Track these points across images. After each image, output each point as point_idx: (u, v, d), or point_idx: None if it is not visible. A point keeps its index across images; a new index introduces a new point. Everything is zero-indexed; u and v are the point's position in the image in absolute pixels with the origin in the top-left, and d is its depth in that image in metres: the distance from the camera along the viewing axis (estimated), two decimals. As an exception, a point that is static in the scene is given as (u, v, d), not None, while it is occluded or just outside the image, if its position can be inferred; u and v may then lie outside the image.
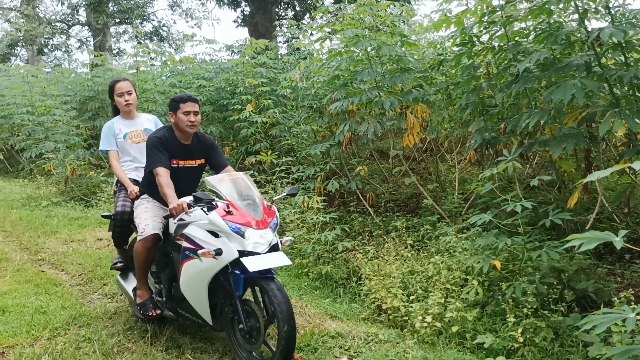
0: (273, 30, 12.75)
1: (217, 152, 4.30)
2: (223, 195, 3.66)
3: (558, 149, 3.91)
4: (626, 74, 3.58)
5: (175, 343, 4.08)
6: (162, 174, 3.86)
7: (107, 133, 4.71)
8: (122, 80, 4.72)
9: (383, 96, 6.06)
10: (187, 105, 3.96)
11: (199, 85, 9.78)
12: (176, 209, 3.61)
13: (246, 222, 3.49)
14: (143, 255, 4.00)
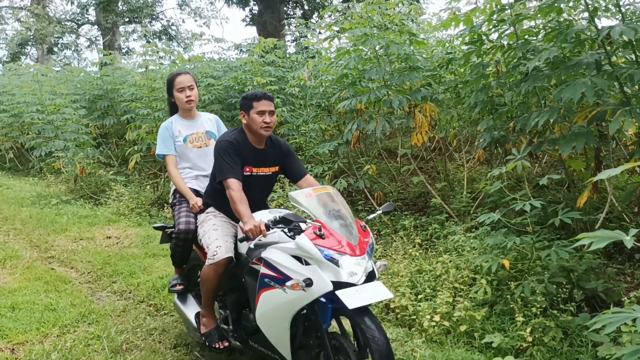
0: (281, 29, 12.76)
1: (294, 159, 3.79)
2: (312, 215, 3.08)
3: (568, 148, 3.89)
4: (637, 72, 3.55)
5: (184, 340, 4.09)
6: (235, 187, 3.35)
7: (165, 134, 4.11)
8: (183, 74, 4.10)
9: (391, 95, 6.05)
10: (261, 103, 3.47)
11: (207, 84, 9.79)
12: (253, 231, 3.09)
13: (341, 248, 2.93)
14: (214, 281, 3.49)
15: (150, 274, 5.64)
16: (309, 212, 3.09)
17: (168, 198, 8.92)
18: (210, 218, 3.70)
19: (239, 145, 3.51)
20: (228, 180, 3.38)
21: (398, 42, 6.24)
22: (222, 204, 3.58)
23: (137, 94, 10.05)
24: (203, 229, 3.68)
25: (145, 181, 10.17)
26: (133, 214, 8.45)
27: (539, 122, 4.06)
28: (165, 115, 9.07)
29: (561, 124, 4.66)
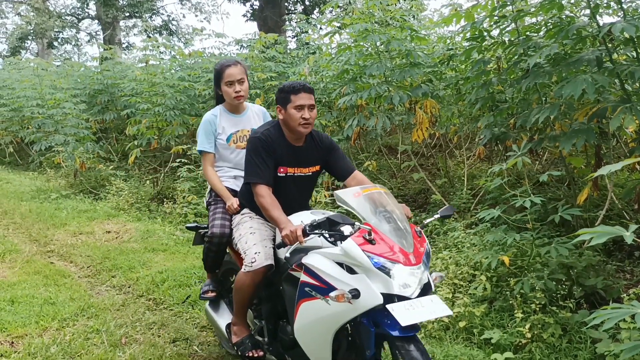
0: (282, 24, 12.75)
1: (339, 155, 3.38)
2: (360, 216, 2.73)
3: (568, 144, 3.88)
4: (637, 69, 3.55)
5: (183, 335, 4.10)
6: (264, 193, 3.04)
7: (208, 129, 3.70)
8: (233, 65, 3.64)
9: (392, 91, 6.04)
10: (300, 97, 3.08)
11: (208, 79, 9.78)
12: (290, 237, 2.76)
13: (393, 255, 2.55)
14: (249, 290, 3.17)
15: (150, 268, 5.64)
16: (357, 214, 2.74)
17: (167, 193, 8.98)
18: (247, 220, 3.35)
19: (273, 142, 3.13)
20: (255, 186, 3.08)
21: (399, 38, 6.24)
22: (256, 205, 3.21)
23: (137, 88, 10.05)
24: (239, 232, 3.33)
25: (145, 176, 10.17)
26: (133, 208, 8.45)
27: (539, 118, 4.05)
28: (165, 110, 9.08)
29: (562, 120, 4.66)
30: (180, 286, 5.04)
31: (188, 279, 5.19)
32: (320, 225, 2.69)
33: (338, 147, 3.41)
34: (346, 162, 3.40)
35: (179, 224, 7.48)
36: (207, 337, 4.08)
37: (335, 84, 7.42)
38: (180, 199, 7.97)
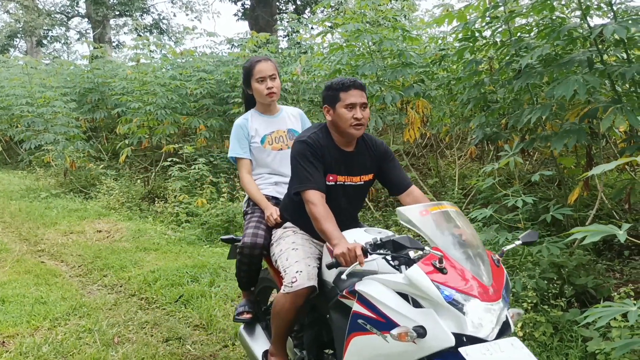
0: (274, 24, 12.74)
1: (395, 164, 3.00)
2: (428, 239, 2.29)
3: (559, 144, 3.92)
4: (628, 70, 3.58)
5: (176, 334, 4.09)
6: (317, 201, 2.65)
7: (239, 134, 3.42)
8: (264, 60, 3.39)
9: (384, 91, 6.06)
10: (351, 94, 2.74)
11: (199, 78, 9.77)
12: (345, 257, 2.39)
13: (468, 288, 2.13)
14: (290, 314, 2.79)
15: (142, 267, 5.62)
16: (424, 235, 2.29)
17: (159, 192, 8.96)
18: (289, 235, 2.99)
19: (321, 146, 2.78)
20: (307, 192, 2.68)
21: (391, 38, 6.26)
22: (302, 220, 2.89)
23: (128, 87, 10.01)
24: (280, 247, 2.98)
25: (135, 175, 10.14)
26: (123, 208, 8.42)
27: (531, 119, 4.08)
28: (156, 109, 9.05)
29: (553, 121, 4.69)
30: (173, 285, 5.02)
31: (180, 278, 5.18)
32: (385, 245, 2.29)
33: (394, 156, 3.03)
34: (402, 174, 3.01)
35: (170, 223, 7.47)
36: (199, 336, 4.08)
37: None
38: (172, 198, 7.95)
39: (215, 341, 3.98)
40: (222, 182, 7.91)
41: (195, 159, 8.54)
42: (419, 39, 6.99)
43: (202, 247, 6.47)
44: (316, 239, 2.96)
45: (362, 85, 2.79)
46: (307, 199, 2.67)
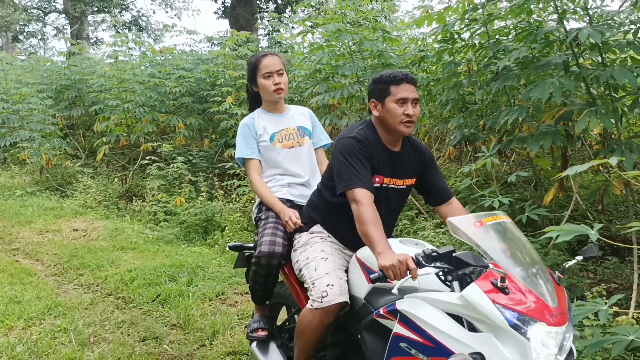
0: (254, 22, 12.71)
1: (437, 172, 2.81)
2: (485, 254, 2.04)
3: (535, 146, 3.97)
4: (602, 73, 3.64)
5: (153, 333, 4.06)
6: (365, 201, 2.40)
7: (246, 133, 3.16)
8: (270, 55, 3.16)
9: (364, 91, 6.09)
10: (402, 88, 2.51)
11: (178, 76, 9.71)
12: (396, 269, 2.11)
13: (534, 311, 1.88)
14: (317, 332, 2.51)
15: (119, 267, 5.56)
16: (480, 250, 2.05)
17: (137, 191, 8.87)
18: (317, 242, 2.73)
19: (370, 144, 2.56)
20: (355, 191, 2.42)
21: (371, 39, 6.29)
22: (335, 224, 2.70)
23: (105, 84, 9.92)
24: (306, 254, 2.69)
25: (113, 173, 10.03)
26: (101, 206, 8.33)
27: (508, 120, 4.13)
28: (134, 107, 8.97)
29: (530, 123, 4.76)
30: (150, 285, 4.98)
31: (158, 277, 5.14)
32: (443, 257, 2.05)
33: (436, 163, 2.85)
34: (444, 183, 2.80)
35: (148, 222, 7.40)
36: (177, 335, 4.05)
37: (308, 83, 7.44)
38: (150, 197, 7.89)
39: (192, 340, 3.96)
40: (201, 181, 7.87)
41: (173, 157, 8.48)
42: (398, 40, 7.03)
43: (180, 246, 6.43)
44: (348, 248, 2.73)
45: (414, 79, 2.58)
46: (354, 198, 2.42)
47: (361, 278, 2.50)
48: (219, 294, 4.79)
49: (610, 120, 3.62)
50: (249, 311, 4.38)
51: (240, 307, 4.55)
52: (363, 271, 2.49)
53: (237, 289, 4.93)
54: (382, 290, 2.31)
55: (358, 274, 2.53)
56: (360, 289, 2.50)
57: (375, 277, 2.15)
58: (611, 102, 4.01)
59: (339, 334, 2.64)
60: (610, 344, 2.49)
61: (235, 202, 7.01)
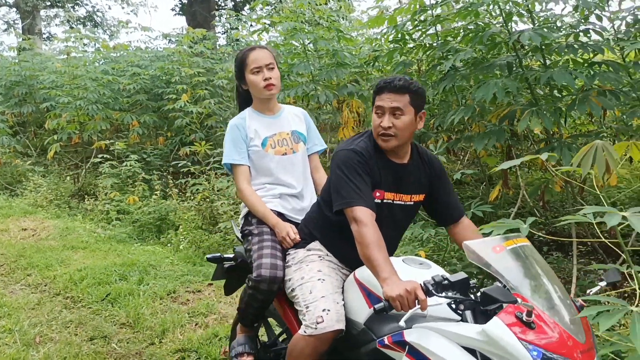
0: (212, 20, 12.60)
1: (449, 187, 2.58)
2: (507, 283, 1.85)
3: (481, 144, 4.09)
4: (543, 74, 3.78)
5: (101, 333, 4.01)
6: (367, 220, 2.18)
7: (236, 136, 2.82)
8: (259, 49, 2.85)
9: (319, 90, 6.13)
10: (382, 97, 2.31)
11: (132, 73, 9.57)
12: (404, 300, 1.90)
13: (562, 348, 1.71)
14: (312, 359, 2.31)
15: (68, 266, 5.46)
16: (502, 279, 1.86)
17: (89, 189, 8.71)
18: (314, 260, 2.50)
19: (370, 157, 2.34)
20: (355, 210, 2.20)
21: (326, 38, 6.34)
22: (335, 241, 2.49)
23: (57, 81, 9.70)
24: (301, 274, 2.46)
25: (65, 172, 9.81)
26: (51, 205, 8.14)
27: (455, 119, 4.24)
28: (87, 104, 8.80)
29: (479, 122, 4.89)
30: (100, 284, 4.91)
31: (108, 276, 5.06)
32: (455, 286, 1.89)
33: (448, 176, 2.60)
34: (456, 200, 2.59)
35: (100, 221, 7.28)
36: (126, 334, 4.01)
37: (263, 82, 7.42)
38: (102, 195, 7.76)
39: (141, 339, 3.92)
40: (155, 179, 7.79)
41: (127, 155, 8.36)
42: (353, 40, 7.11)
43: (132, 245, 6.35)
44: (346, 267, 2.51)
45: (403, 86, 2.27)
46: (354, 217, 2.20)
47: (360, 301, 2.27)
48: (170, 292, 4.76)
49: (549, 120, 3.76)
50: (200, 309, 4.38)
51: (191, 305, 4.53)
52: (363, 294, 2.27)
53: (189, 287, 4.90)
54: (385, 316, 2.05)
55: (357, 296, 2.30)
56: (359, 312, 2.27)
57: (381, 307, 1.95)
58: (553, 102, 4.17)
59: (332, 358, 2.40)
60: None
61: (189, 201, 6.96)
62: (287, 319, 2.66)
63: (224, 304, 4.52)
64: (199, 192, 6.74)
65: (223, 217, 6.16)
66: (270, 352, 2.90)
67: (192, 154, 8.17)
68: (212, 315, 4.32)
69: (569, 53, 3.92)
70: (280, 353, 2.86)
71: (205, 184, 6.77)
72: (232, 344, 2.87)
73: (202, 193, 6.64)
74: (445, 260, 4.41)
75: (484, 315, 1.86)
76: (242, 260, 2.89)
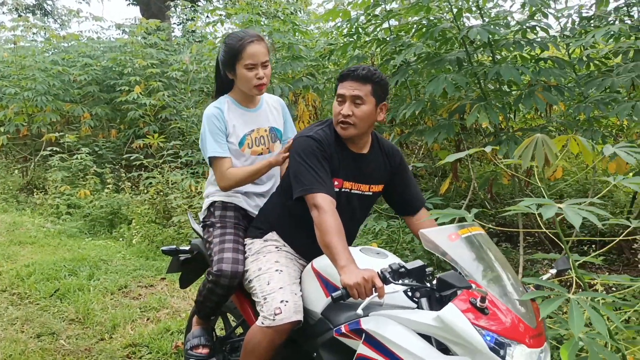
0: (166, 10, 12.36)
1: (409, 178, 2.56)
2: (462, 270, 1.89)
3: (431, 138, 4.16)
4: (490, 70, 3.87)
5: (49, 329, 3.91)
6: (327, 207, 2.15)
7: (214, 127, 2.61)
8: (257, 41, 2.58)
9: (275, 83, 6.12)
10: (344, 85, 2.29)
11: (84, 64, 9.33)
12: (361, 288, 1.89)
13: (515, 333, 1.75)
14: (268, 352, 2.27)
15: (15, 262, 5.31)
16: (457, 267, 1.89)
17: (38, 183, 8.47)
18: (271, 251, 2.46)
19: (329, 145, 2.31)
20: (316, 196, 2.17)
21: (282, 31, 6.32)
22: (292, 231, 2.45)
23: (4, 71, 9.41)
24: (258, 265, 2.42)
25: (13, 165, 9.53)
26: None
27: (406, 113, 4.30)
28: (35, 95, 8.55)
29: (432, 116, 4.96)
30: (48, 279, 4.79)
31: (57, 272, 4.95)
32: (411, 273, 1.91)
33: (409, 168, 2.58)
34: (417, 191, 2.56)
35: (50, 216, 7.11)
36: (75, 330, 3.93)
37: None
38: (52, 189, 7.56)
39: (91, 335, 3.85)
40: (107, 172, 7.64)
41: (78, 148, 8.17)
42: (309, 33, 7.11)
43: (83, 239, 6.21)
44: (303, 258, 2.48)
45: (366, 75, 2.25)
46: (315, 204, 2.16)
47: (318, 291, 2.25)
48: (121, 287, 4.68)
49: (496, 114, 3.85)
50: (152, 303, 4.32)
51: (143, 299, 4.47)
52: (320, 283, 2.25)
53: (142, 281, 4.84)
54: (342, 305, 2.09)
55: (314, 286, 2.28)
56: (316, 302, 2.25)
57: (338, 295, 1.92)
58: (501, 97, 4.27)
59: (288, 351, 2.38)
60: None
61: (143, 194, 6.86)
62: (244, 311, 2.62)
63: (177, 298, 4.48)
64: (152, 186, 6.65)
65: (177, 210, 6.09)
66: (226, 345, 2.87)
67: (146, 146, 8.05)
68: (165, 309, 4.27)
69: (516, 49, 4.02)
70: (236, 345, 2.85)
71: (159, 177, 6.68)
72: (187, 336, 2.81)
73: (155, 186, 6.55)
74: (398, 252, 4.48)
75: (440, 303, 1.89)
76: (199, 252, 2.83)
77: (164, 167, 6.97)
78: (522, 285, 1.97)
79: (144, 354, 3.59)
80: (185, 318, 4.02)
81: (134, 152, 7.88)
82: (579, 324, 1.60)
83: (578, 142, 2.15)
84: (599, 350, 1.73)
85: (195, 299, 2.76)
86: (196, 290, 4.16)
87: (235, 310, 2.79)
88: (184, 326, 3.87)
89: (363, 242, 4.53)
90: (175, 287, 4.61)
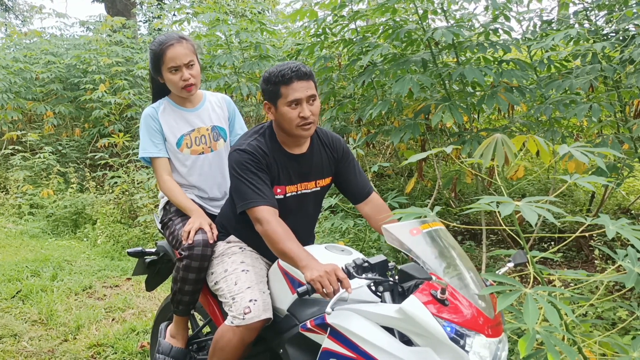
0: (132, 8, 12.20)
1: (354, 167, 2.54)
2: (423, 264, 1.92)
3: (397, 138, 4.22)
4: (455, 71, 3.95)
5: (11, 331, 3.84)
6: (269, 218, 2.17)
7: (150, 127, 2.64)
8: (177, 43, 2.59)
9: (242, 82, 6.11)
10: (293, 88, 2.20)
11: (47, 61, 9.15)
12: (324, 280, 1.91)
13: (474, 323, 1.81)
14: (237, 351, 2.27)
15: (-25, 263, 5.19)
16: (419, 260, 1.93)
17: (5, 184, 8.28)
18: (236, 252, 2.45)
19: (264, 154, 2.28)
20: (256, 210, 2.19)
21: (250, 30, 6.32)
22: (250, 234, 2.38)
23: (-37, 68, 9.13)
24: (223, 267, 2.41)
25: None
26: (-43, 199, 7.69)
27: (372, 113, 4.35)
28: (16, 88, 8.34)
29: (399, 116, 5.03)
30: (10, 281, 4.70)
31: (19, 273, 4.86)
32: (374, 267, 1.97)
33: (353, 156, 2.57)
34: (363, 179, 2.55)
35: (11, 216, 6.95)
36: (37, 331, 3.86)
37: (185, 73, 7.31)
38: (14, 189, 7.40)
39: (54, 336, 3.80)
40: (71, 171, 7.51)
41: (41, 147, 8.01)
42: (276, 33, 7.12)
43: (46, 240, 6.10)
44: (267, 258, 2.48)
45: (307, 73, 2.22)
46: (257, 218, 2.18)
47: (284, 288, 2.29)
48: (86, 287, 4.62)
49: (459, 114, 3.93)
50: (117, 304, 4.28)
51: (108, 300, 4.42)
52: (286, 280, 2.28)
53: (107, 282, 4.78)
54: (307, 301, 2.14)
55: (280, 284, 2.32)
56: (282, 300, 2.29)
57: (303, 290, 1.93)
58: (465, 97, 4.36)
59: (256, 348, 2.40)
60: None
61: (108, 194, 6.77)
62: (211, 311, 2.62)
63: (143, 298, 4.45)
64: (117, 185, 6.57)
65: (143, 210, 6.04)
66: (193, 344, 2.84)
67: (111, 145, 7.94)
68: (130, 310, 4.23)
69: (479, 51, 4.11)
70: (203, 344, 2.84)
71: (124, 177, 6.60)
72: (160, 348, 2.69)
73: (120, 186, 6.47)
74: (364, 250, 4.53)
75: (402, 296, 1.93)
76: (165, 254, 2.81)
77: (130, 166, 6.89)
78: (482, 279, 2.02)
79: (109, 354, 3.56)
80: (151, 319, 3.99)
81: (99, 151, 7.77)
82: (534, 317, 1.65)
83: (536, 141, 2.21)
84: (555, 343, 1.78)
85: (164, 299, 2.73)
86: (163, 291, 4.16)
87: (202, 310, 2.77)
88: (149, 326, 3.84)
89: (330, 240, 4.58)
90: (141, 287, 4.57)
